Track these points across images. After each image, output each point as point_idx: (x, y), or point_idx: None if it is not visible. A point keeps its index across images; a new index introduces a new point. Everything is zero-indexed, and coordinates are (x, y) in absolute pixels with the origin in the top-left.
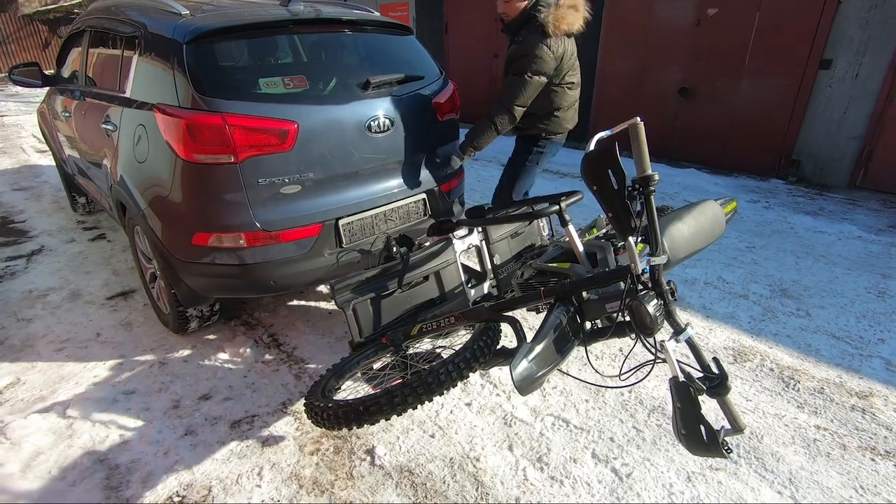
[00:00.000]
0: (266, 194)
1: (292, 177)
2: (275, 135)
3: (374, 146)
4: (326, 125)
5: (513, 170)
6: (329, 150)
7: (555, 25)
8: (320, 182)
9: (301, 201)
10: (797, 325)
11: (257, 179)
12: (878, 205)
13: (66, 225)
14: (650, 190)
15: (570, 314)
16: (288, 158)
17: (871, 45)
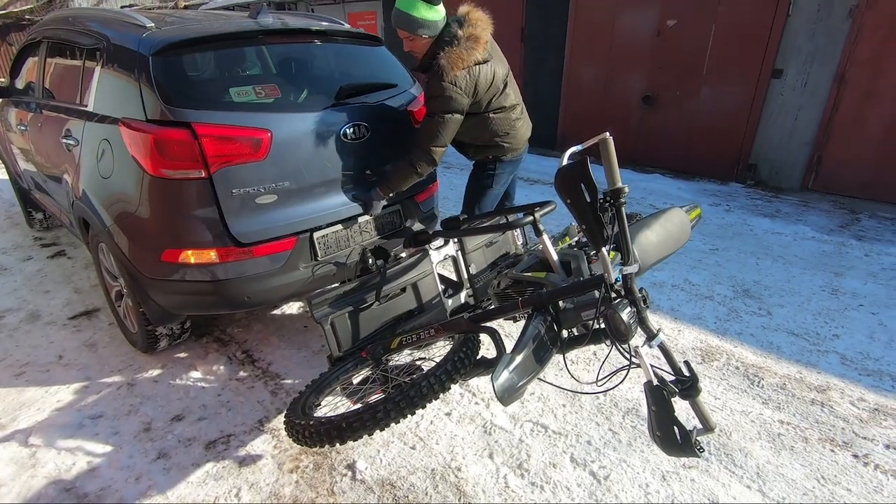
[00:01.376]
0: (240, 206)
1: (268, 186)
2: (248, 144)
3: (350, 153)
4: (300, 133)
5: (470, 194)
6: (304, 158)
7: (452, 66)
8: (296, 192)
9: (276, 212)
10: (759, 323)
11: (231, 190)
12: (828, 206)
13: (22, 242)
14: (621, 202)
15: (547, 323)
16: (262, 168)
17: (818, 55)
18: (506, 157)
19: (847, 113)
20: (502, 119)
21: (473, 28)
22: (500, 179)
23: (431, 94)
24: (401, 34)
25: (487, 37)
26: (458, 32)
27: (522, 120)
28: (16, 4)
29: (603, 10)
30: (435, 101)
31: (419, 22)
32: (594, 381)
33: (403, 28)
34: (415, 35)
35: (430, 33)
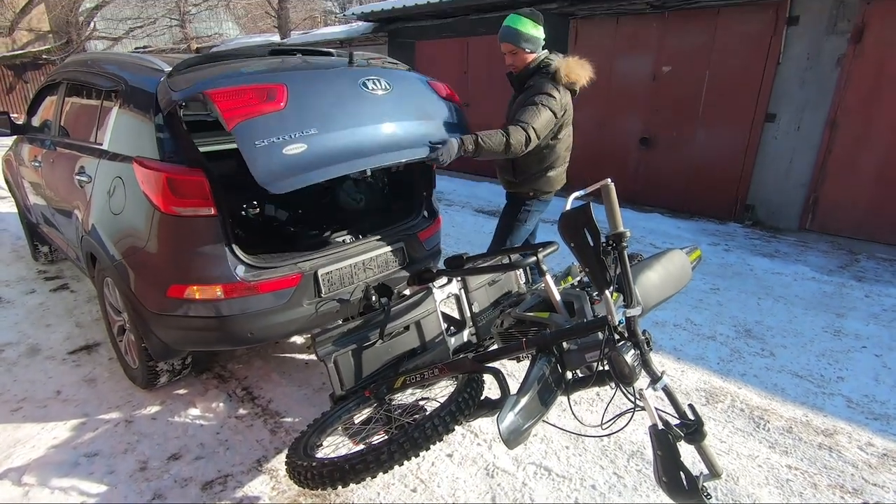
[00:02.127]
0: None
1: (294, 134)
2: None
3: (375, 102)
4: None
5: (503, 228)
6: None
7: (566, 73)
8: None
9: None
10: (763, 364)
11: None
12: (826, 247)
13: (26, 275)
14: (623, 246)
15: (551, 364)
16: (283, 116)
17: (809, 102)
18: (542, 197)
19: (840, 156)
20: (560, 152)
21: (578, 59)
22: (533, 217)
23: (538, 90)
24: (504, 48)
25: (590, 69)
26: (566, 57)
27: (567, 164)
28: (34, 45)
29: (600, 56)
30: (539, 96)
31: (524, 36)
32: (599, 424)
33: (509, 41)
34: (518, 48)
35: (531, 48)
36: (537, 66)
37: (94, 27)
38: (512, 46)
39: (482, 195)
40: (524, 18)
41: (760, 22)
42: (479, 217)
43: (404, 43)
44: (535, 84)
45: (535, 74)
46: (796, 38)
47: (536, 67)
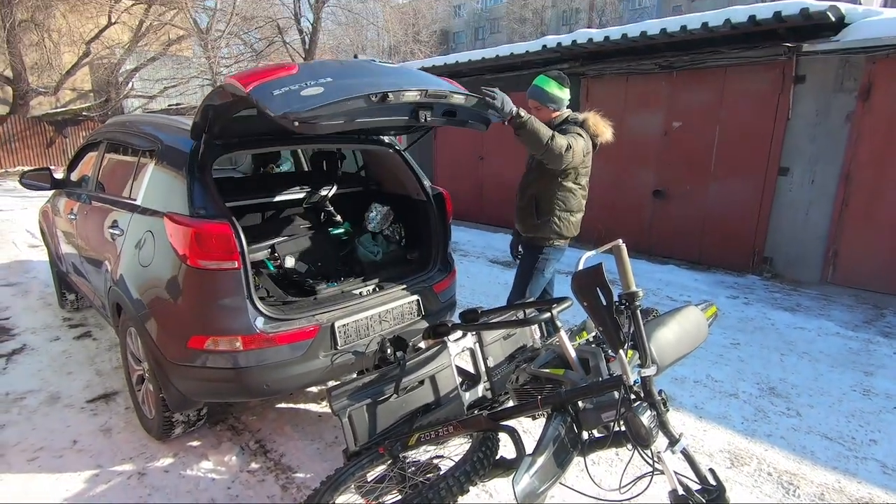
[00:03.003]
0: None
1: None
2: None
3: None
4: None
5: (521, 278)
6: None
7: (593, 124)
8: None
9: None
10: (789, 425)
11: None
12: (850, 300)
13: (52, 322)
14: (636, 306)
15: (567, 424)
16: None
17: (821, 156)
18: (559, 243)
19: (858, 209)
20: (580, 198)
21: (604, 119)
22: (550, 265)
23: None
24: (531, 104)
25: (611, 130)
26: (589, 113)
27: (583, 212)
28: (76, 102)
29: (611, 112)
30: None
31: (550, 96)
32: (617, 488)
33: (535, 98)
34: (543, 106)
35: (556, 107)
36: (565, 118)
37: (132, 87)
38: (537, 103)
39: (498, 246)
40: (551, 80)
41: (767, 80)
42: (494, 268)
43: None
44: (565, 128)
45: (563, 125)
46: (804, 95)
47: (565, 119)
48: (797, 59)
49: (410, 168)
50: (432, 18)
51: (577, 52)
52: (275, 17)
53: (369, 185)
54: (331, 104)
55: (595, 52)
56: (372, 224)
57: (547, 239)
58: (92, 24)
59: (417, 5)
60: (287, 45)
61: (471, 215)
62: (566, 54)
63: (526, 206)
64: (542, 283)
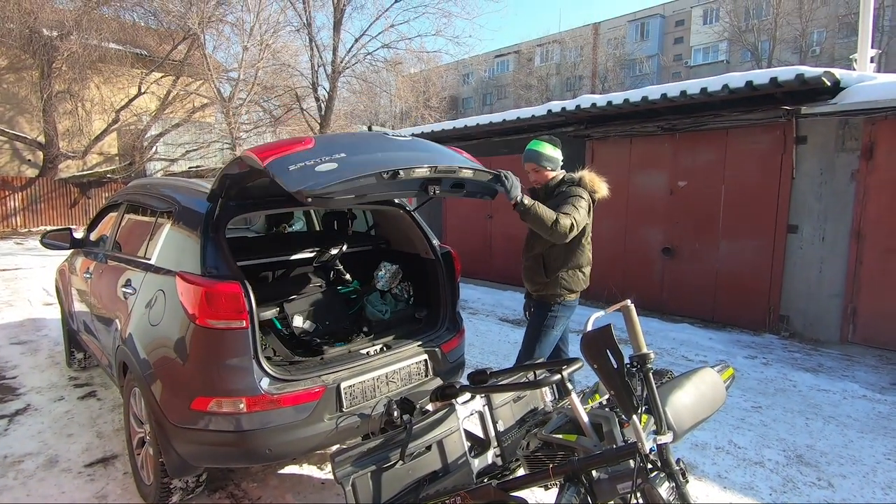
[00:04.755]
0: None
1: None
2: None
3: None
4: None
5: (531, 337)
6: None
7: (590, 181)
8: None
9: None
10: (821, 497)
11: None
12: (874, 361)
13: (58, 382)
14: (647, 368)
15: (581, 496)
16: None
17: (829, 214)
18: (569, 297)
19: (872, 266)
20: (587, 253)
21: (598, 176)
22: (560, 322)
23: (569, 194)
24: (528, 167)
25: (607, 186)
26: (585, 171)
27: (591, 265)
28: (101, 165)
29: (617, 172)
30: (572, 197)
31: (545, 157)
32: None
33: (532, 161)
34: (540, 167)
35: (552, 166)
36: (562, 179)
37: (156, 151)
38: (535, 165)
39: (507, 304)
40: (544, 143)
41: (769, 141)
42: (503, 326)
43: None
44: (566, 190)
45: (561, 185)
46: (807, 155)
47: (561, 180)
48: (797, 121)
49: (419, 227)
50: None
51: (581, 115)
52: (293, 86)
53: (379, 243)
54: (344, 182)
55: (598, 115)
56: (381, 282)
57: (557, 296)
58: (123, 93)
59: (428, 74)
60: (304, 111)
61: (480, 273)
62: (570, 118)
63: (533, 265)
64: (552, 341)
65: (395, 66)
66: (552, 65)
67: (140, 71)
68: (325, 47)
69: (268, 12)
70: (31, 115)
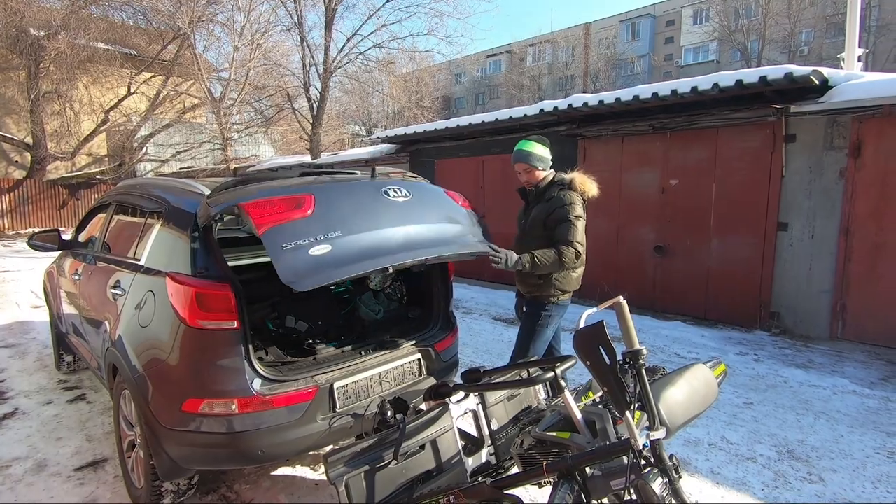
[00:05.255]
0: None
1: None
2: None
3: (396, 208)
4: (342, 193)
5: (524, 336)
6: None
7: (580, 184)
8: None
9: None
10: (813, 492)
11: (282, 245)
12: (864, 356)
13: (47, 385)
14: (640, 364)
15: (575, 493)
16: (310, 222)
17: (819, 211)
18: (562, 297)
19: (861, 263)
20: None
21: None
22: (553, 322)
23: (563, 203)
24: (519, 167)
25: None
26: (575, 173)
27: (584, 266)
28: (91, 167)
29: (609, 171)
30: (568, 208)
31: (535, 156)
32: None
33: (523, 161)
34: (531, 167)
35: (543, 166)
36: (552, 180)
37: (146, 151)
38: (526, 165)
39: (501, 303)
40: (534, 142)
41: (759, 140)
42: (497, 325)
43: (425, 161)
44: (558, 196)
45: (552, 187)
46: (796, 153)
47: (551, 182)
48: (786, 120)
49: None
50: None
51: (573, 115)
52: (285, 86)
53: None
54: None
55: (590, 114)
56: (374, 282)
57: (550, 296)
58: (112, 94)
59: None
60: (296, 111)
61: (473, 272)
62: (563, 117)
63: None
64: (545, 340)
65: (388, 65)
66: (544, 65)
67: (129, 71)
68: (316, 47)
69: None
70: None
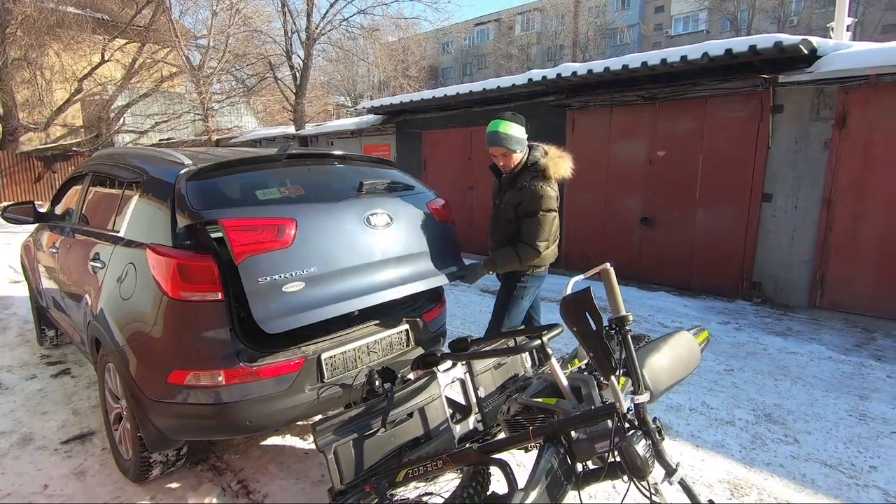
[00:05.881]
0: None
1: (295, 272)
2: (273, 231)
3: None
4: (324, 220)
5: (500, 307)
6: (330, 243)
7: (553, 171)
8: (325, 276)
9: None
10: (787, 452)
11: (257, 279)
12: (840, 324)
13: (29, 360)
14: (626, 330)
15: (560, 456)
16: (288, 254)
17: (803, 182)
18: (536, 272)
19: (841, 233)
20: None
21: (558, 151)
22: (529, 292)
23: (534, 194)
24: (496, 152)
25: (570, 160)
26: (549, 151)
27: (559, 239)
28: (66, 138)
29: (597, 142)
30: (538, 201)
31: (513, 139)
32: None
33: (500, 145)
34: (510, 151)
35: (521, 149)
36: (525, 165)
37: (123, 122)
38: (503, 149)
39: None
40: (509, 122)
41: (746, 110)
42: (485, 297)
43: (412, 133)
44: (530, 186)
45: (525, 173)
46: (782, 124)
47: (524, 167)
48: (774, 90)
49: None
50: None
51: (562, 84)
52: (266, 53)
53: None
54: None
55: (579, 84)
56: None
57: (525, 269)
58: (85, 61)
59: (406, 42)
60: (279, 81)
61: (461, 245)
62: (551, 87)
63: (500, 248)
64: (521, 310)
65: (373, 33)
66: (533, 34)
67: (102, 37)
68: (298, 13)
69: None
70: None
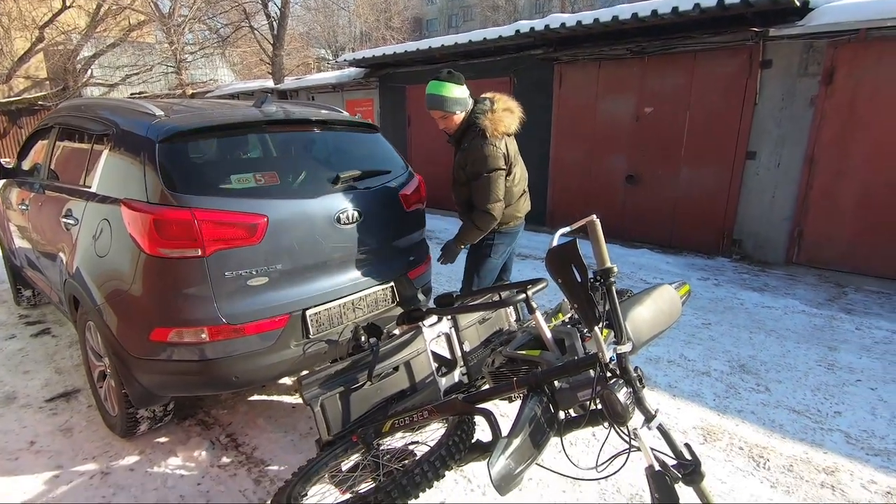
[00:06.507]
0: (232, 287)
1: (260, 269)
2: (244, 228)
3: (343, 237)
4: (296, 218)
5: (470, 265)
6: (298, 242)
7: (493, 128)
8: (289, 273)
9: (268, 293)
10: (759, 400)
11: (224, 272)
12: (814, 280)
13: (7, 320)
14: (611, 282)
15: (543, 404)
16: (256, 251)
17: (787, 139)
18: (503, 228)
19: (821, 190)
20: (512, 190)
21: (506, 104)
22: (499, 250)
23: (476, 156)
24: (435, 115)
25: (519, 112)
26: (493, 106)
27: (525, 196)
28: (31, 91)
29: (585, 97)
30: (481, 162)
31: (450, 100)
32: (594, 466)
33: (438, 108)
34: (448, 113)
35: (460, 109)
36: (466, 125)
37: (91, 74)
38: (441, 112)
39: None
40: (446, 83)
41: (735, 65)
42: None
43: (395, 87)
44: (471, 146)
45: (467, 133)
46: (770, 79)
47: (467, 127)
48: (764, 45)
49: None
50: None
51: (550, 36)
52: (241, 1)
53: None
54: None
55: (568, 36)
56: None
57: None
58: (45, 7)
59: None
60: (255, 31)
61: (446, 203)
62: (539, 39)
63: (462, 206)
64: (491, 269)
65: None
66: None
67: None
68: None
69: None
70: None
